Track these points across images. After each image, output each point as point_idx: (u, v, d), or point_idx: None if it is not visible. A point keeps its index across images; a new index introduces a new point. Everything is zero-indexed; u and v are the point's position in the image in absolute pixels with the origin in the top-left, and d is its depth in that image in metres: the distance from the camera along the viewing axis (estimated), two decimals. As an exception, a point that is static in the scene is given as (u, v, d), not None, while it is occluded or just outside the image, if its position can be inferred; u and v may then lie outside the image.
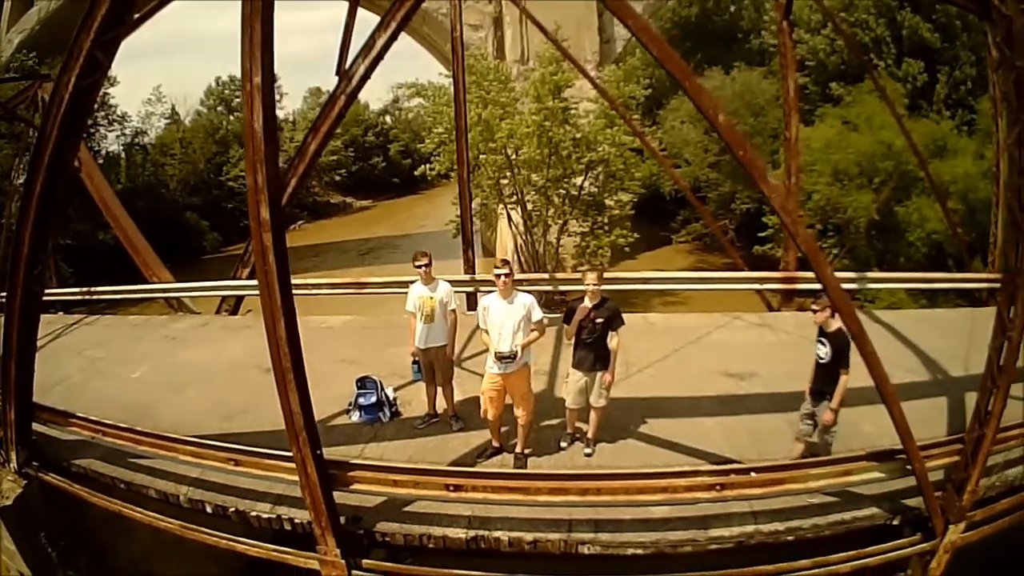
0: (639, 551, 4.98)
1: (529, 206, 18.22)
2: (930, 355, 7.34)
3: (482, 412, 5.73)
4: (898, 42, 20.73)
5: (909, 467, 4.89)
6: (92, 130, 27.60)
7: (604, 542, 4.96)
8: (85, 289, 10.60)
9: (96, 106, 27.03)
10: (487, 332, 5.55)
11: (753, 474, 4.84)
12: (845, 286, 6.64)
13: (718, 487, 4.80)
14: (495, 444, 5.94)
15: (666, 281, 10.00)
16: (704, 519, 5.03)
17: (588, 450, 5.86)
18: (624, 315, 5.79)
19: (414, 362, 6.39)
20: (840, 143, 16.97)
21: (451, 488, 4.87)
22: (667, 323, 9.29)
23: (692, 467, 5.20)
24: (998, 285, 8.83)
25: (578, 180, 17.98)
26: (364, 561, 5.16)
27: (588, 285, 5.53)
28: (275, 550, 5.43)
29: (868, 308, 11.34)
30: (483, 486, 4.88)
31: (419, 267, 6.20)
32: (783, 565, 4.96)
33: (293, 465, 4.92)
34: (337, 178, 42.40)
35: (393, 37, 8.29)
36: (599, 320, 5.52)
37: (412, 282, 6.40)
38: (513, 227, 18.85)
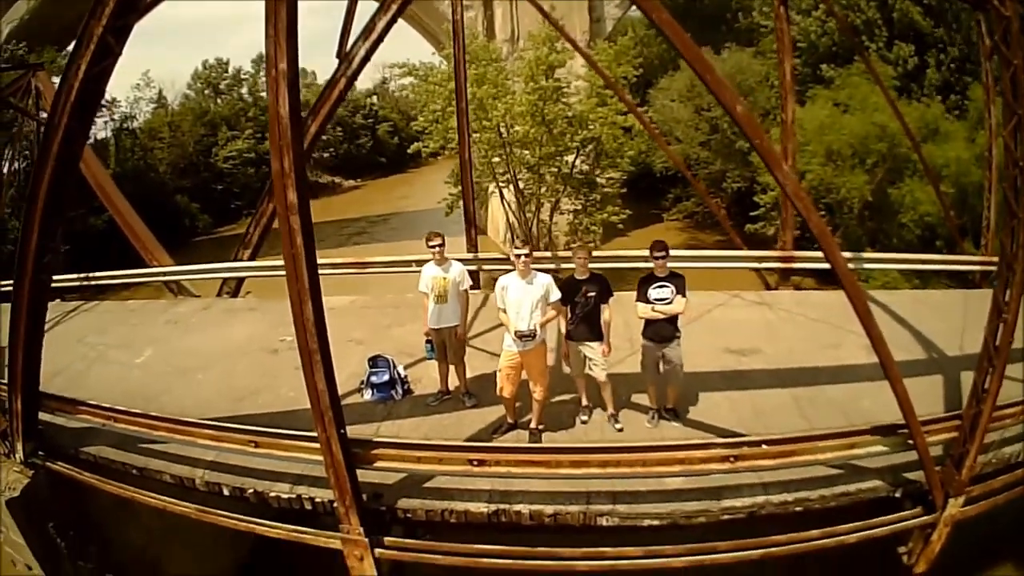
0: (655, 522, 5.12)
1: (521, 184, 18.31)
2: (925, 335, 7.50)
3: (499, 389, 5.82)
4: (889, 25, 20.50)
5: (911, 442, 5.07)
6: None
7: (622, 513, 5.09)
8: (84, 275, 10.38)
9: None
10: (504, 311, 5.67)
11: (765, 446, 4.99)
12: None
13: (732, 459, 4.94)
14: (510, 420, 6.03)
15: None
16: (717, 490, 5.15)
17: (618, 425, 6.00)
18: (624, 293, 5.97)
19: (427, 341, 6.46)
20: (833, 125, 16.92)
21: (475, 463, 4.95)
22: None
23: (704, 440, 5.39)
24: (992, 268, 9.16)
25: (570, 158, 18.09)
26: (386, 539, 5.24)
27: (578, 261, 5.81)
28: (295, 530, 5.47)
29: (862, 288, 11.57)
30: (507, 460, 4.97)
31: (432, 247, 6.25)
32: (795, 535, 5.16)
33: (315, 445, 4.98)
34: (326, 156, 42.33)
35: (393, 19, 8.31)
36: (591, 293, 5.73)
37: (416, 261, 6.43)
38: (505, 205, 18.95)
